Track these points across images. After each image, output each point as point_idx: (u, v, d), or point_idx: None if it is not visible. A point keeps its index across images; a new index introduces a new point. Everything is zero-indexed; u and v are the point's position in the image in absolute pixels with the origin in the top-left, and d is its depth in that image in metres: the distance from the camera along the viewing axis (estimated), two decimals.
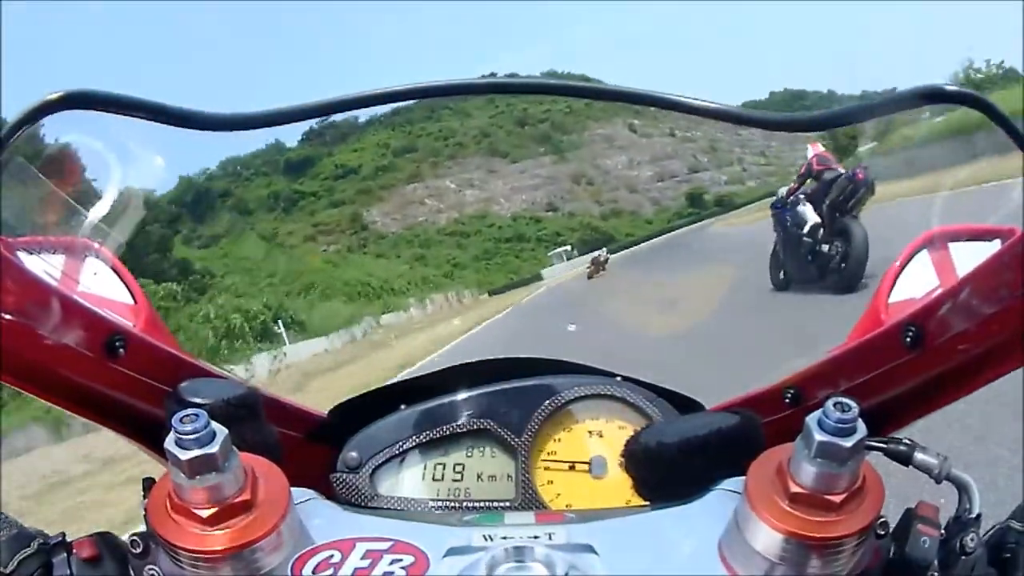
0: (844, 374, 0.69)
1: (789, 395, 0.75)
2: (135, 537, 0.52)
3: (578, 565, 0.46)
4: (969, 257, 0.73)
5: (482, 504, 0.78)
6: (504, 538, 0.51)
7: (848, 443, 0.43)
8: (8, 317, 0.53)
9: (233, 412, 0.61)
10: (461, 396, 0.82)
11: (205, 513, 0.45)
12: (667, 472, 0.65)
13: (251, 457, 0.50)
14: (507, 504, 0.78)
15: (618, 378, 0.83)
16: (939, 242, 0.78)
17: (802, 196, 10.16)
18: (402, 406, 0.82)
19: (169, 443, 0.45)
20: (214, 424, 0.46)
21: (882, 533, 0.50)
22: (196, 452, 0.45)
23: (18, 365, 0.57)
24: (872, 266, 8.60)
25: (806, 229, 9.97)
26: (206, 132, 0.61)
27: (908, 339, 0.61)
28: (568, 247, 71.81)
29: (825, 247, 9.58)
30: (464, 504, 0.78)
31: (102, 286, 0.76)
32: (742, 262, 13.05)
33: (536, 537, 0.51)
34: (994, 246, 0.71)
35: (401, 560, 0.49)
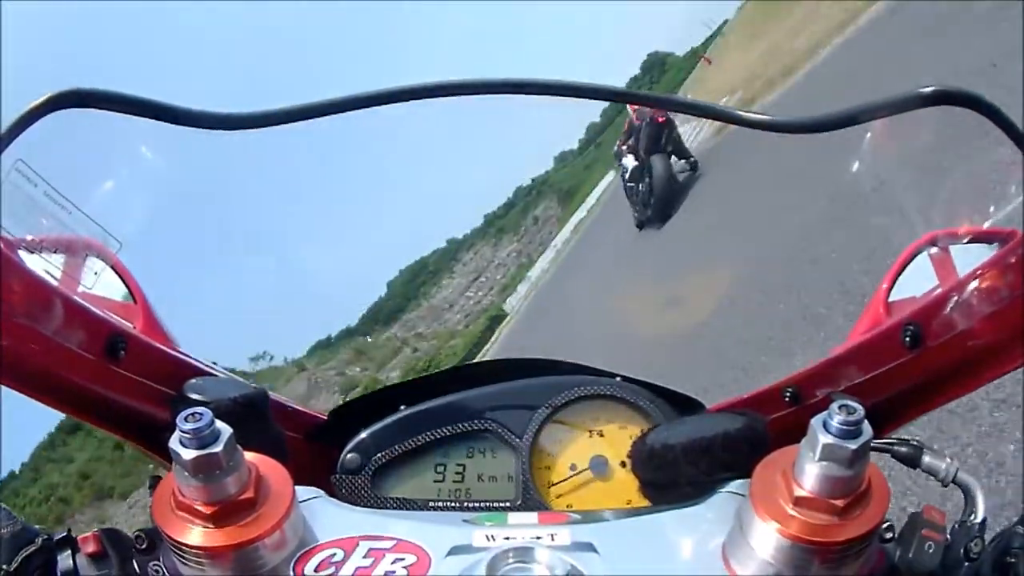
0: (844, 373, 0.69)
1: (789, 394, 0.75)
2: (140, 533, 0.52)
3: (580, 566, 0.46)
4: (969, 259, 0.73)
5: (483, 505, 0.78)
6: (506, 538, 0.51)
7: (854, 445, 0.42)
8: (9, 317, 0.53)
9: (239, 411, 0.61)
10: (461, 397, 0.82)
11: (208, 511, 0.45)
12: (673, 474, 0.65)
13: (256, 456, 0.49)
14: (508, 505, 0.78)
15: (618, 378, 0.83)
16: (939, 243, 0.79)
17: (625, 148, 11.67)
18: (402, 407, 0.82)
19: (173, 442, 0.45)
20: (218, 423, 0.46)
21: (888, 537, 0.49)
22: (200, 451, 0.44)
23: (19, 367, 0.56)
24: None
25: (627, 176, 11.54)
26: (203, 131, 0.61)
27: (908, 338, 0.62)
28: None
29: (640, 186, 11.11)
30: (465, 505, 0.78)
31: (103, 286, 0.75)
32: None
33: (538, 538, 0.51)
34: (993, 249, 0.72)
35: (403, 559, 0.49)
